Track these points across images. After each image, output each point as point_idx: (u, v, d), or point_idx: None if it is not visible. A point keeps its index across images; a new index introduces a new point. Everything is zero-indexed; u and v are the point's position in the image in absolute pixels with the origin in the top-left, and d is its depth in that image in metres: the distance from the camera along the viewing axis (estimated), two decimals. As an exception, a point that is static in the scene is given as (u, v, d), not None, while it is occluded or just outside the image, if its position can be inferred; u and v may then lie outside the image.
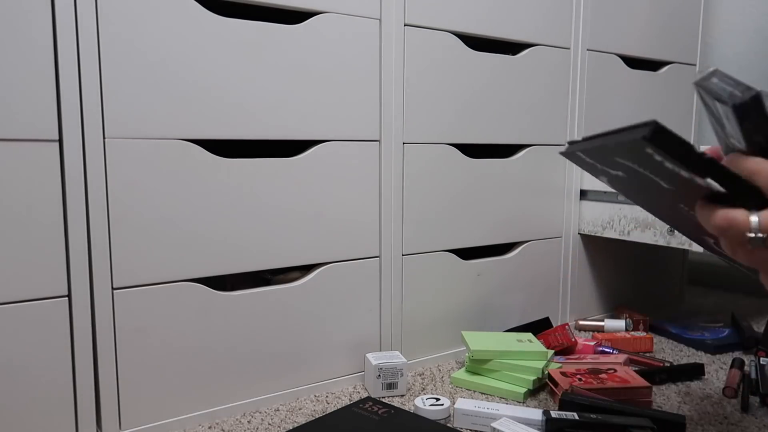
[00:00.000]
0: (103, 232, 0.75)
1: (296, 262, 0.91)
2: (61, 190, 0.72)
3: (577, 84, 1.22)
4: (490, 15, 1.07)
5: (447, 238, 1.07)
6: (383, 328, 1.01)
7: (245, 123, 0.84)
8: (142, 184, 0.77)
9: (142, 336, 0.79)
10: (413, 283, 1.03)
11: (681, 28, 1.41)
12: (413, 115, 1.00)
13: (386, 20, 0.95)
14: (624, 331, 1.21)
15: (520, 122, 1.14)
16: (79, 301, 0.74)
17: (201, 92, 0.80)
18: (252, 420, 0.85)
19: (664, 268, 1.47)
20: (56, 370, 0.74)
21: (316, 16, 0.88)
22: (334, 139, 0.92)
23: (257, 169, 0.86)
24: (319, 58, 0.89)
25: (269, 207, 0.87)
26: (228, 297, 0.85)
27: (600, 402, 0.82)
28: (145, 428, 0.80)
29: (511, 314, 1.18)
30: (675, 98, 1.42)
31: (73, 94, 0.71)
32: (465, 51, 1.05)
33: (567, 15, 1.19)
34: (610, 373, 0.92)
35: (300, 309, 0.92)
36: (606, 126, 1.29)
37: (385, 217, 0.99)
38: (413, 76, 0.99)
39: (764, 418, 0.86)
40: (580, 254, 1.28)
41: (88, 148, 0.73)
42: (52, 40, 0.70)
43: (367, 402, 0.85)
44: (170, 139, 0.79)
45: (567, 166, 1.23)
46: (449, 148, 1.05)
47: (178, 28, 0.77)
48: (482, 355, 0.96)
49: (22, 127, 0.69)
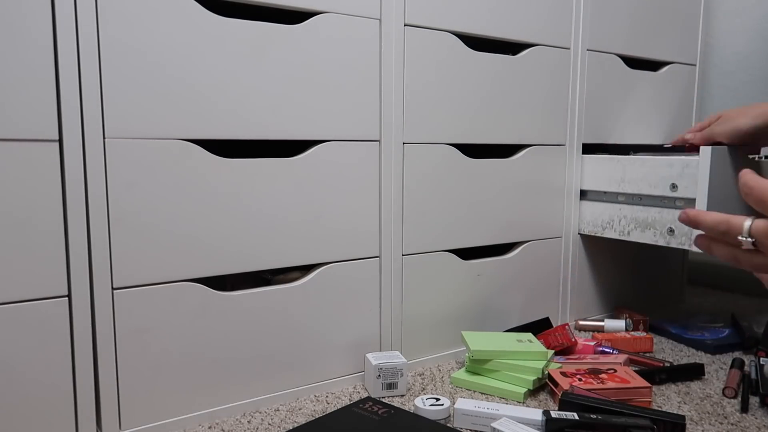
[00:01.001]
0: (103, 232, 0.75)
1: (296, 262, 0.91)
2: (61, 190, 0.72)
3: (577, 84, 1.22)
4: (490, 15, 1.07)
5: (447, 238, 1.07)
6: (383, 328, 1.01)
7: (245, 123, 0.84)
8: (142, 184, 0.77)
9: (142, 336, 0.79)
10: (413, 283, 1.03)
11: (681, 28, 1.41)
12: (413, 115, 1.00)
13: (386, 20, 0.95)
14: (624, 332, 1.21)
15: (520, 122, 1.14)
16: (79, 301, 0.74)
17: (201, 92, 0.80)
18: (252, 420, 0.85)
19: (664, 269, 1.47)
20: (56, 370, 0.74)
21: (316, 16, 0.88)
22: (334, 140, 0.92)
23: (257, 169, 0.86)
24: (319, 58, 0.89)
25: (269, 207, 0.87)
26: (228, 297, 0.85)
27: (600, 402, 0.82)
28: (145, 428, 0.80)
29: (511, 314, 1.18)
30: (675, 98, 1.42)
31: (73, 94, 0.71)
32: (465, 51, 1.05)
33: (567, 15, 1.19)
34: (610, 374, 0.92)
35: (300, 309, 0.92)
36: (606, 125, 1.29)
37: (385, 217, 0.99)
38: (413, 76, 0.99)
39: (764, 418, 0.86)
40: (580, 254, 1.28)
41: (88, 148, 0.73)
42: (52, 40, 0.70)
43: (367, 402, 0.85)
44: (170, 139, 0.79)
45: (567, 166, 1.23)
46: (449, 148, 1.05)
47: (177, 28, 0.77)
48: (482, 355, 0.96)
49: (22, 127, 0.69)
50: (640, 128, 1.36)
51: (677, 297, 1.51)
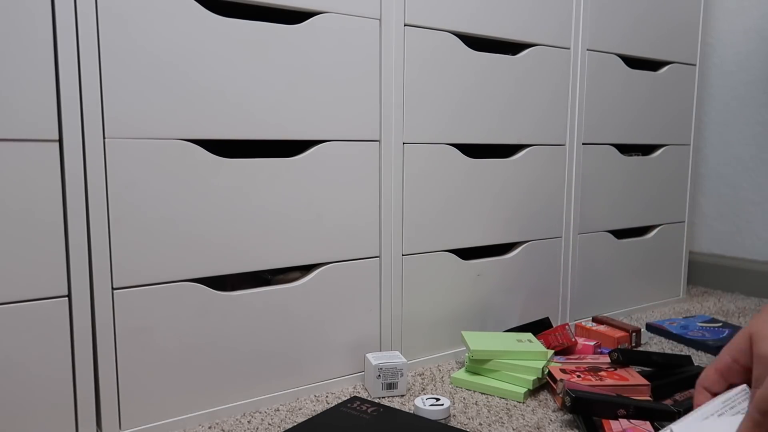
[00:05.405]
0: (103, 232, 0.75)
1: (296, 262, 0.91)
2: (61, 190, 0.73)
3: (577, 84, 1.22)
4: (490, 15, 1.07)
5: (447, 238, 1.07)
6: (383, 328, 1.01)
7: (245, 123, 0.84)
8: (142, 184, 0.77)
9: (142, 336, 0.79)
10: (413, 283, 1.03)
11: (681, 28, 1.41)
12: (413, 115, 1.00)
13: (386, 20, 0.95)
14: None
15: (520, 122, 1.14)
16: (79, 301, 0.74)
17: (201, 92, 0.80)
18: (252, 420, 0.85)
19: (664, 268, 1.47)
20: (56, 370, 0.74)
21: (316, 16, 0.89)
22: (334, 139, 0.92)
23: (257, 169, 0.86)
24: (319, 58, 0.89)
25: (269, 207, 0.87)
26: (228, 297, 0.85)
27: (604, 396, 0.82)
28: (145, 428, 0.80)
29: (511, 314, 1.18)
30: (675, 98, 1.42)
31: (73, 94, 0.71)
32: (465, 51, 1.05)
33: (567, 15, 1.19)
34: (609, 371, 0.92)
35: (300, 309, 0.92)
36: (605, 125, 1.29)
37: (385, 217, 0.99)
38: (413, 76, 0.99)
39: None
40: (580, 254, 1.28)
41: (88, 148, 0.73)
42: (52, 40, 0.70)
43: (354, 401, 0.85)
44: (170, 139, 0.79)
45: (567, 166, 1.23)
46: (449, 148, 1.05)
47: (178, 28, 0.77)
48: (482, 355, 0.96)
49: (22, 127, 0.69)
50: (640, 128, 1.36)
51: (677, 297, 1.52)
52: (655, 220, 1.43)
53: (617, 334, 1.14)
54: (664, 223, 1.45)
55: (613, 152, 1.31)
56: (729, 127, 1.60)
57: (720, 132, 1.62)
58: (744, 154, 1.58)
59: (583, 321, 1.27)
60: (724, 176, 1.62)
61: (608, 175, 1.31)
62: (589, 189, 1.27)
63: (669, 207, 1.46)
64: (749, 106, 1.56)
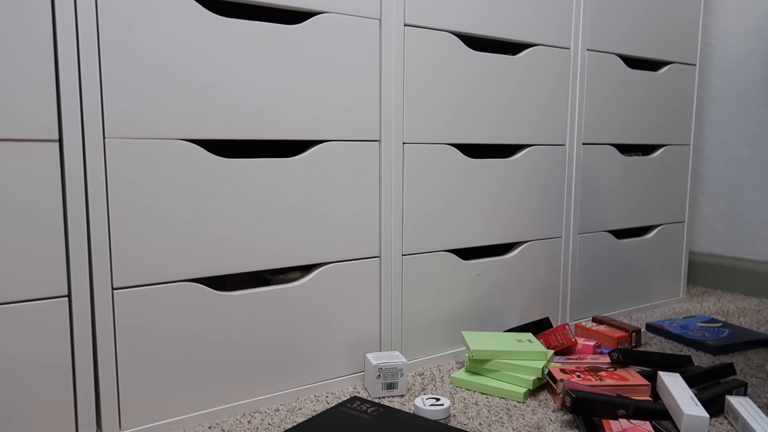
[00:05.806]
0: (103, 231, 0.75)
1: (296, 262, 0.91)
2: (61, 190, 0.73)
3: (577, 84, 1.22)
4: (490, 15, 1.07)
5: (447, 238, 1.07)
6: (383, 328, 1.01)
7: (245, 123, 0.84)
8: (142, 184, 0.77)
9: (142, 336, 0.79)
10: (413, 283, 1.03)
11: (681, 28, 1.41)
12: (413, 115, 1.00)
13: (386, 20, 0.95)
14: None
15: (520, 122, 1.14)
16: (79, 301, 0.74)
17: (201, 92, 0.80)
18: (252, 420, 0.85)
19: (664, 268, 1.47)
20: (56, 370, 0.74)
21: (316, 16, 0.89)
22: (334, 139, 0.92)
23: (257, 169, 0.86)
24: (319, 58, 0.89)
25: (269, 207, 0.87)
26: (228, 297, 0.85)
27: (604, 396, 0.82)
28: (145, 428, 0.80)
29: (511, 314, 1.18)
30: (675, 98, 1.42)
31: (73, 94, 0.71)
32: (465, 51, 1.05)
33: (567, 15, 1.19)
34: (609, 371, 0.92)
35: (300, 309, 0.92)
36: (605, 125, 1.29)
37: (385, 217, 0.99)
38: (413, 76, 0.99)
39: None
40: (580, 254, 1.28)
41: (88, 148, 0.73)
42: (53, 41, 0.70)
43: (354, 401, 0.85)
44: (170, 139, 0.79)
45: (567, 166, 1.23)
46: (449, 148, 1.05)
47: (178, 28, 0.77)
48: (482, 355, 0.96)
49: (22, 127, 0.69)
50: (640, 128, 1.36)
51: (677, 297, 1.52)
52: (655, 220, 1.43)
53: (617, 334, 1.14)
54: (664, 223, 1.45)
55: (613, 152, 1.31)
56: (729, 127, 1.61)
57: (720, 132, 1.62)
58: (744, 154, 1.58)
59: (583, 321, 1.28)
60: (724, 176, 1.62)
61: (608, 175, 1.31)
62: (589, 189, 1.27)
63: (669, 207, 1.46)
64: (749, 106, 1.56)
